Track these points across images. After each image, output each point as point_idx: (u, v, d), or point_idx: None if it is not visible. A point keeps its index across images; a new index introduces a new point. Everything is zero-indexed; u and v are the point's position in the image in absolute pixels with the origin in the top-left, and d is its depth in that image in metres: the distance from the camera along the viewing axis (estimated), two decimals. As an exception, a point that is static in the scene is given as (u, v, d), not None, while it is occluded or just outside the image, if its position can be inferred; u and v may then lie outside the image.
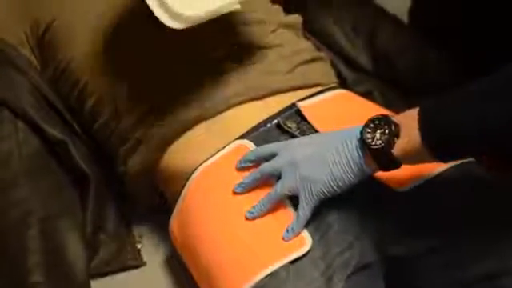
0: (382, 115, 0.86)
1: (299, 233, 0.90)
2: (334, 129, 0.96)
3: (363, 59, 1.35)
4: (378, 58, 1.33)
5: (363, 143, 0.85)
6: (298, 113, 1.03)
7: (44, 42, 1.14)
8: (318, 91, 1.08)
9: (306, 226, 0.90)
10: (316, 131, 1.00)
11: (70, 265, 1.03)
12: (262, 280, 0.87)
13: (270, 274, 0.87)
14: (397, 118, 0.85)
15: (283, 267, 0.88)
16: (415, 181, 0.94)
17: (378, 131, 0.84)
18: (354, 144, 0.87)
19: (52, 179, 1.10)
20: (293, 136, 0.99)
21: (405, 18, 1.38)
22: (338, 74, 1.29)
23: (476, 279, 0.90)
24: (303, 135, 0.99)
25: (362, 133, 0.86)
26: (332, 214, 0.92)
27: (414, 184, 0.94)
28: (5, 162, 1.07)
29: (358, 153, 0.86)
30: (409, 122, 0.83)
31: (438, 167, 0.94)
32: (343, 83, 1.20)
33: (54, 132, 1.11)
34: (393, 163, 0.85)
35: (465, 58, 1.24)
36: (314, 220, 0.91)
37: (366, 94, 1.16)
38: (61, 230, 1.05)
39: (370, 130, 0.85)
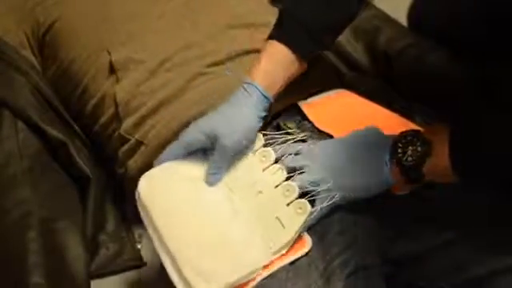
0: (413, 131, 0.87)
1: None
2: (335, 129, 0.96)
3: (363, 60, 1.35)
4: (379, 59, 1.34)
5: (393, 158, 0.86)
6: (299, 112, 1.03)
7: (45, 42, 1.15)
8: (319, 91, 1.08)
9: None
10: (317, 130, 1.00)
11: (70, 265, 1.03)
12: (261, 280, 0.87)
13: (270, 275, 0.88)
14: (427, 134, 0.86)
15: (283, 268, 0.88)
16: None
17: (410, 148, 0.86)
18: (382, 156, 0.88)
19: (52, 180, 1.10)
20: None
21: (404, 20, 1.38)
22: (338, 74, 1.29)
23: (476, 278, 0.91)
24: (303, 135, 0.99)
25: (393, 147, 0.87)
26: (331, 215, 0.92)
27: (414, 187, 0.94)
28: (5, 163, 1.07)
29: (386, 166, 0.87)
30: (439, 142, 0.84)
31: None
32: (343, 83, 1.20)
33: (55, 133, 1.11)
34: (420, 179, 0.86)
35: (464, 60, 1.24)
36: (314, 221, 0.91)
37: (366, 94, 1.16)
38: (61, 231, 1.05)
39: (401, 145, 0.86)
